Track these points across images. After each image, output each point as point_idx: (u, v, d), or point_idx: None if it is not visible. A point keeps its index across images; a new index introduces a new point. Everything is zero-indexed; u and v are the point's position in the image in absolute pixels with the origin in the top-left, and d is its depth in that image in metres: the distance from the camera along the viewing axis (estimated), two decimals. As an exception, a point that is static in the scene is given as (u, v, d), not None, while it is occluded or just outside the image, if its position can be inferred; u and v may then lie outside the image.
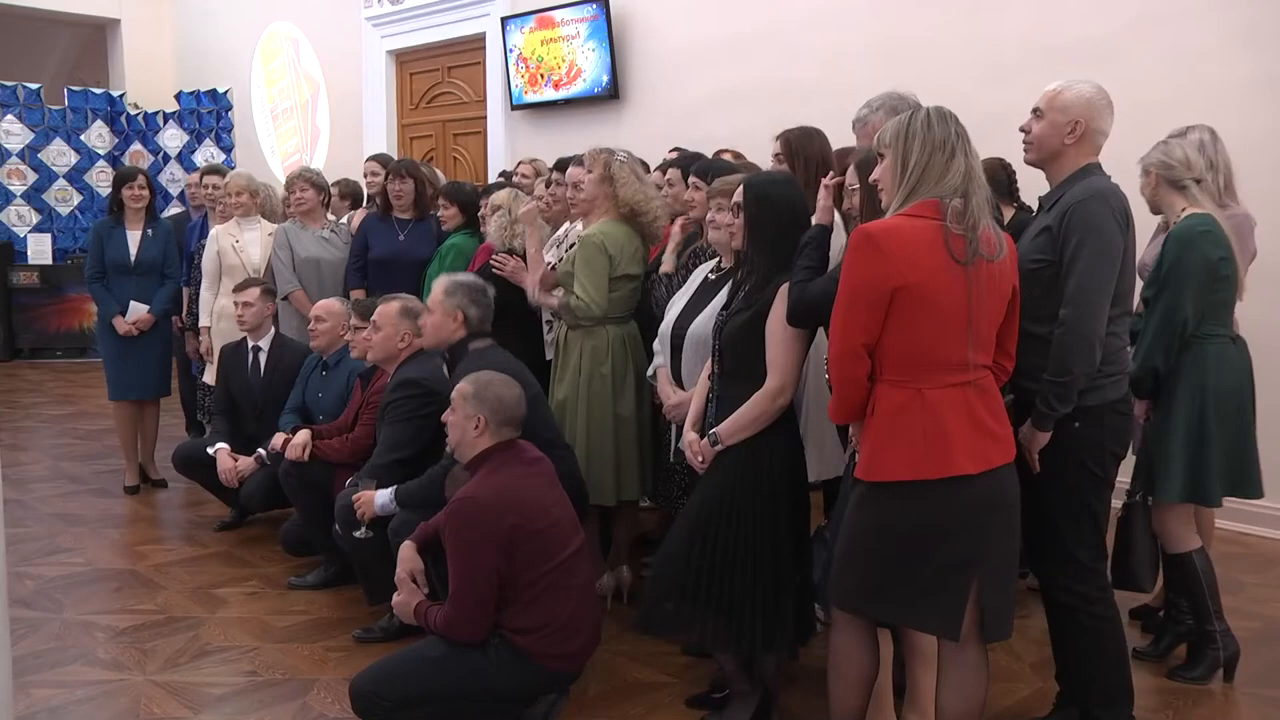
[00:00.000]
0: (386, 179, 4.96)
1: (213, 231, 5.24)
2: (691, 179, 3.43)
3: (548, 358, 3.94)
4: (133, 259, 5.11)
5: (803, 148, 3.17)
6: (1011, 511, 2.24)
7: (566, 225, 3.97)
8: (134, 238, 5.14)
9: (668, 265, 3.54)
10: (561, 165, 4.14)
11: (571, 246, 3.69)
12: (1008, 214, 3.98)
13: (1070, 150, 2.55)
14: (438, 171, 6.14)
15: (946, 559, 2.16)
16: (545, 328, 3.98)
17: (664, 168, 4.10)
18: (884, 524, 2.19)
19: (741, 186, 2.67)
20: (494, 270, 3.86)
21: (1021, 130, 2.65)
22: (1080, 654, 2.66)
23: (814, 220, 2.63)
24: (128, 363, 5.16)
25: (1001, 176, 4.02)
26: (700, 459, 2.67)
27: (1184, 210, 3.06)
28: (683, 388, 3.03)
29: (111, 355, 5.21)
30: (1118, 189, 2.54)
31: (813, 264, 2.50)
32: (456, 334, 3.34)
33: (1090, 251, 2.42)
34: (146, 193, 5.15)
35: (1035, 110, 2.61)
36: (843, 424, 2.35)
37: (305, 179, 5.12)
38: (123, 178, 5.25)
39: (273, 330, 4.66)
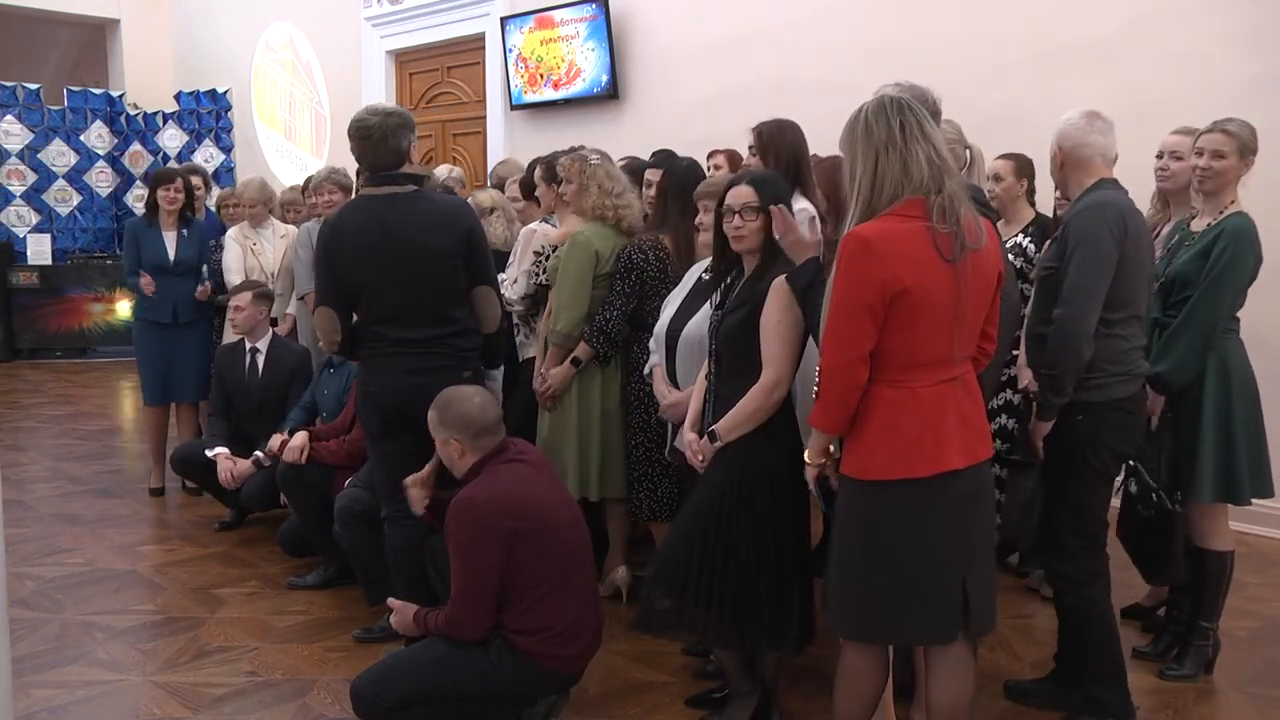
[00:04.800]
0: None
1: (230, 233, 5.27)
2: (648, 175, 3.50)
3: (521, 358, 3.98)
4: (171, 259, 5.10)
5: (773, 141, 3.19)
6: (990, 504, 2.28)
7: (532, 228, 3.97)
8: (170, 238, 5.13)
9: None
10: (535, 165, 4.13)
11: (553, 251, 3.71)
12: (1028, 215, 3.96)
13: (1072, 176, 2.79)
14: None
15: (940, 558, 2.16)
16: (514, 330, 4.02)
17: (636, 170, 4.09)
18: (875, 527, 2.19)
19: (752, 189, 2.62)
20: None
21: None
22: (1071, 635, 2.81)
23: (803, 255, 2.52)
24: (169, 366, 5.13)
25: (1032, 173, 4.00)
26: (700, 458, 2.67)
27: (1232, 202, 3.04)
28: (678, 388, 3.04)
29: (150, 359, 5.15)
30: (1119, 200, 2.69)
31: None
32: None
33: (1081, 257, 2.60)
34: (182, 195, 5.15)
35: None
36: (837, 435, 2.25)
37: (333, 181, 5.10)
38: (161, 178, 5.22)
39: (270, 333, 4.66)
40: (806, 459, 2.33)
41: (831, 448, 2.28)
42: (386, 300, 3.04)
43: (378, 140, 3.05)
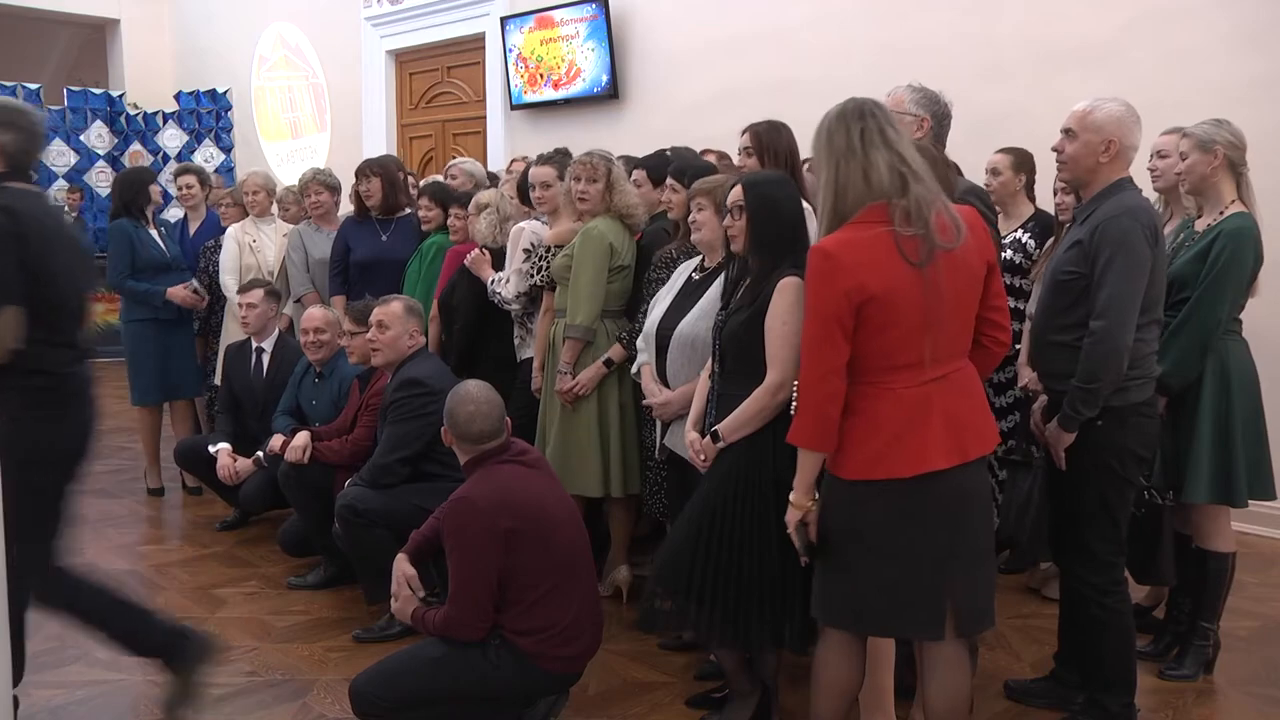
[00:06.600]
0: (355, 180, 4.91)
1: (229, 230, 5.23)
2: (670, 181, 3.45)
3: (519, 358, 3.97)
4: (168, 255, 5.08)
5: (772, 142, 3.20)
6: (982, 505, 2.25)
7: (521, 226, 3.95)
8: (156, 236, 5.11)
9: None
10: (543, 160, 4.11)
11: (549, 251, 3.71)
12: (1028, 210, 3.97)
13: (1104, 168, 2.64)
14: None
15: (920, 557, 2.15)
16: (515, 333, 4.02)
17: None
18: (857, 525, 2.19)
19: (740, 187, 2.65)
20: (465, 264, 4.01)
21: (1054, 150, 2.72)
22: (1089, 642, 2.74)
23: None
24: (161, 365, 5.08)
25: (1033, 168, 4.00)
26: (703, 458, 2.67)
27: (1233, 202, 3.02)
28: (668, 386, 3.04)
29: (141, 359, 5.09)
30: (1148, 204, 2.65)
31: None
32: None
33: (1120, 266, 2.51)
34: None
35: (1066, 130, 2.67)
36: (823, 451, 2.21)
37: (320, 181, 5.11)
38: (149, 176, 5.20)
39: (275, 332, 4.66)
40: (791, 500, 2.27)
41: (816, 495, 2.26)
42: (77, 300, 2.74)
43: (42, 134, 2.83)
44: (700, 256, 3.10)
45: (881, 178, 2.11)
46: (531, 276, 3.78)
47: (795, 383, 2.50)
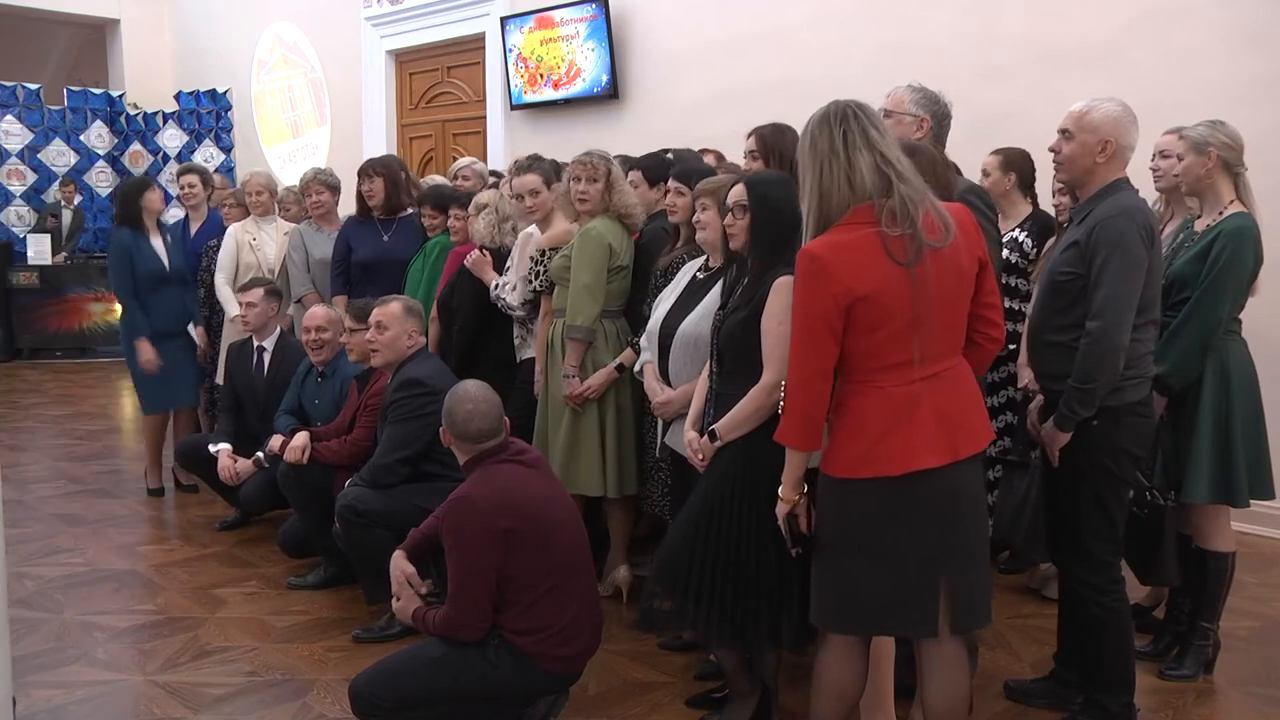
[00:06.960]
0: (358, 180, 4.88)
1: (230, 229, 5.21)
2: (674, 185, 3.43)
3: (519, 359, 3.98)
4: (168, 267, 5.02)
5: (777, 144, 3.19)
6: (975, 503, 2.24)
7: (529, 232, 3.94)
8: (159, 245, 5.04)
9: None
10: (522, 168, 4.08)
11: (544, 255, 3.71)
12: (1024, 210, 3.98)
13: (1101, 168, 2.63)
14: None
15: (911, 556, 2.15)
16: (515, 333, 4.01)
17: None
18: (846, 522, 2.19)
19: (743, 187, 2.66)
20: (466, 265, 4.00)
21: (1051, 150, 2.72)
22: (1088, 641, 2.74)
23: None
24: (164, 374, 5.04)
25: (1026, 168, 4.01)
26: (700, 457, 2.67)
27: (1231, 202, 3.01)
28: (670, 385, 3.05)
29: (142, 371, 5.05)
30: (1144, 205, 2.65)
31: None
32: None
33: (1116, 267, 2.51)
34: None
35: (1063, 131, 2.67)
36: (809, 450, 2.24)
37: (320, 181, 5.09)
38: (143, 184, 5.10)
39: (277, 330, 4.66)
40: (780, 494, 2.29)
41: (805, 487, 2.26)
42: None
43: None
44: (704, 256, 3.10)
45: (865, 180, 2.11)
46: (531, 282, 3.77)
47: (783, 382, 2.52)
